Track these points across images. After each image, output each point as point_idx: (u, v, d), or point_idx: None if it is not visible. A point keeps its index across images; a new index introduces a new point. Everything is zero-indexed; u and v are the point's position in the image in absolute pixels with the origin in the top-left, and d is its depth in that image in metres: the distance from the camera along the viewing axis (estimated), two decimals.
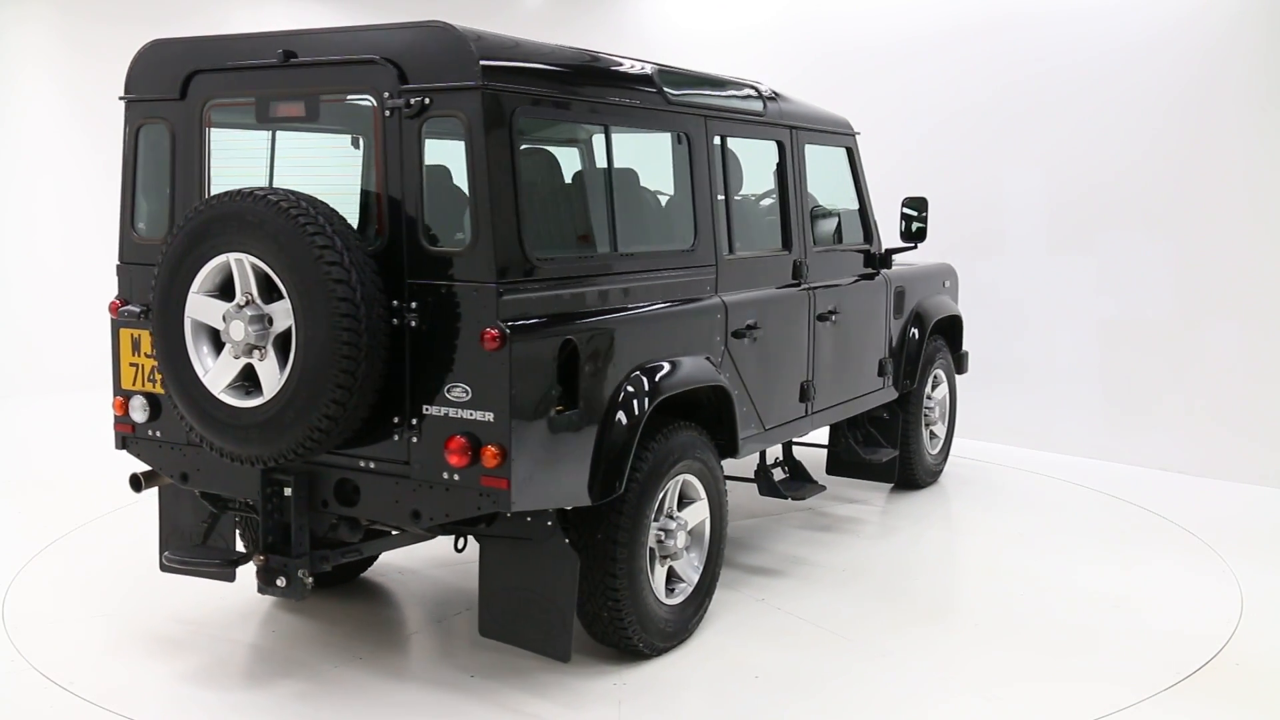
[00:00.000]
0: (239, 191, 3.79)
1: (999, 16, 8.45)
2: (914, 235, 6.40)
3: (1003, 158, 8.49)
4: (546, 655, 4.11)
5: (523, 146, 3.86)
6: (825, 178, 6.12)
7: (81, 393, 9.37)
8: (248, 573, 4.50)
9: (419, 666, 4.52)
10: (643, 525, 4.25)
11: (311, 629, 4.84)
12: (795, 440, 6.26)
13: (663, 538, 4.45)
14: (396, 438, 3.85)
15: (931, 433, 7.09)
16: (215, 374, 3.88)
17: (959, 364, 7.32)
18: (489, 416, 3.68)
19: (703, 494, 4.65)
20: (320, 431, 3.70)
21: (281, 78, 4.00)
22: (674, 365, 4.43)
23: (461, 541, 4.47)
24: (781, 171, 5.47)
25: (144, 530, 5.97)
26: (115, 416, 4.49)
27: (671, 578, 4.59)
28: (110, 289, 4.54)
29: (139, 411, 4.41)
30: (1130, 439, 7.87)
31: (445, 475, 3.76)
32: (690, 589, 4.63)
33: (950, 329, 7.20)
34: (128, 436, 4.50)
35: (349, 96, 4.00)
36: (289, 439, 3.74)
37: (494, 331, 3.62)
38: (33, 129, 10.09)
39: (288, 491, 4.04)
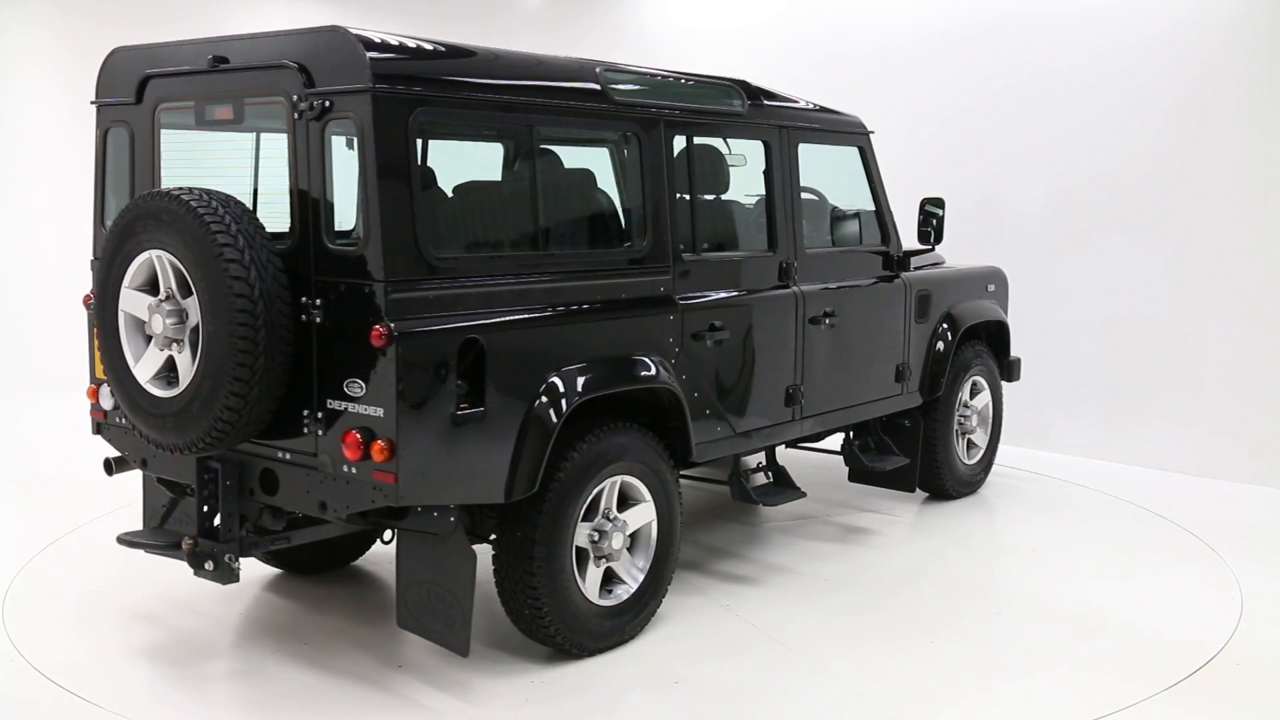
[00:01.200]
0: (159, 191, 3.96)
1: (999, 17, 8.46)
2: (931, 236, 6.28)
3: (1003, 158, 8.49)
4: (449, 649, 4.17)
5: (423, 146, 3.90)
6: (837, 178, 6.04)
7: (81, 392, 9.37)
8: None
9: (352, 655, 4.59)
10: (565, 524, 4.27)
11: (284, 611, 5.00)
12: (807, 446, 6.21)
13: (596, 538, 4.46)
14: (306, 430, 3.96)
15: (970, 441, 6.89)
16: (143, 365, 4.06)
17: (1007, 371, 7.08)
18: (379, 412, 3.76)
19: (647, 496, 4.63)
20: (224, 423, 3.83)
21: (213, 82, 4.20)
22: (604, 367, 4.40)
23: (389, 534, 4.53)
24: (768, 171, 5.40)
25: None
26: (90, 404, 4.69)
27: (611, 579, 4.59)
28: None
29: (107, 399, 4.59)
30: (1130, 439, 7.87)
31: (345, 468, 3.87)
32: (631, 591, 4.62)
33: (994, 335, 6.97)
34: (101, 423, 4.72)
35: (267, 100, 4.08)
36: (197, 429, 3.88)
37: (381, 329, 3.70)
38: (33, 129, 10.10)
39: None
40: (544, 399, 4.14)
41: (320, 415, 3.91)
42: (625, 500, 4.61)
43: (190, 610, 5.00)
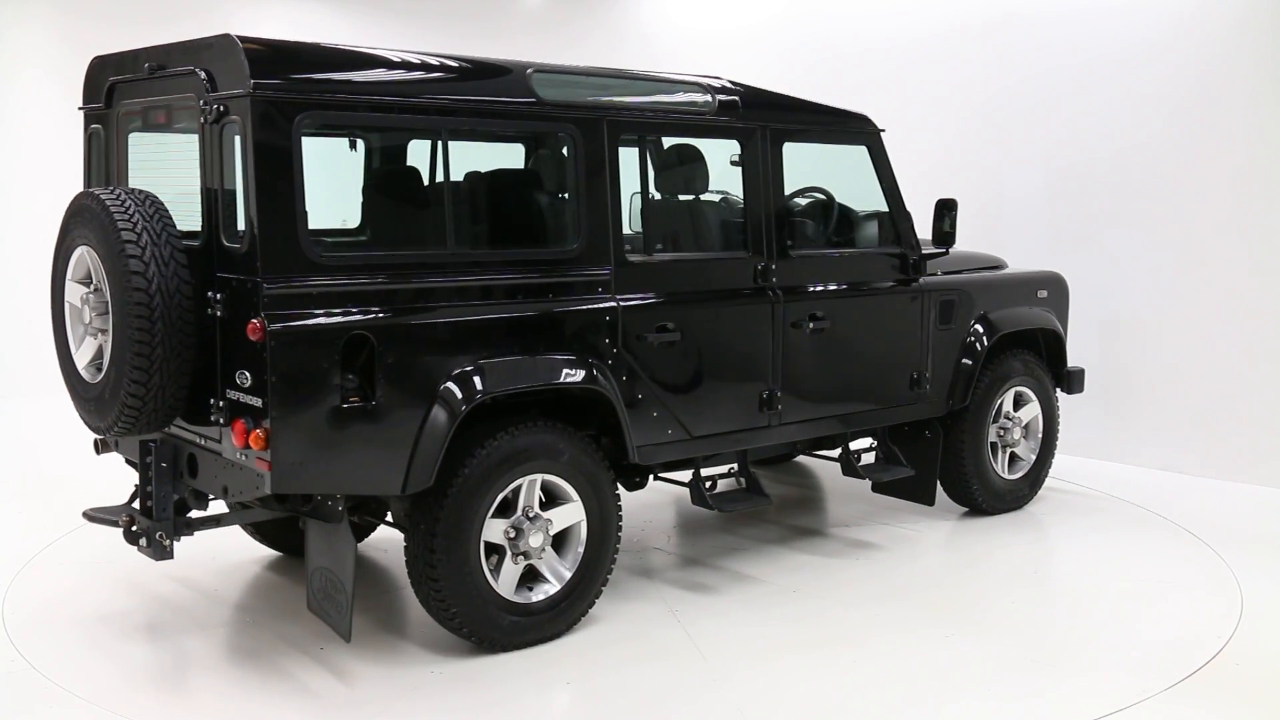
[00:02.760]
0: (88, 190, 4.26)
1: (1001, 17, 8.46)
2: (944, 238, 5.90)
3: (1004, 157, 8.49)
4: (337, 633, 4.35)
5: (309, 148, 4.03)
6: (851, 179, 5.89)
7: None
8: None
9: (276, 637, 4.76)
10: (470, 519, 4.35)
11: (263, 589, 5.25)
12: (817, 453, 6.06)
13: (513, 535, 4.51)
14: (213, 418, 4.17)
15: (1014, 455, 6.55)
16: (81, 352, 4.36)
17: (1065, 383, 6.72)
18: (259, 402, 3.95)
19: (575, 497, 4.64)
20: (129, 408, 4.09)
21: (152, 88, 4.49)
22: (513, 366, 4.42)
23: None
24: (744, 172, 5.26)
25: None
26: None
27: (535, 577, 4.63)
28: None
29: None
30: (1130, 439, 7.87)
31: (237, 455, 4.08)
32: (554, 591, 4.63)
33: (1044, 344, 6.65)
34: None
35: (186, 105, 4.31)
36: (110, 414, 4.16)
37: (256, 323, 3.89)
38: (33, 130, 10.10)
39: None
40: (443, 396, 4.22)
41: (222, 404, 4.11)
42: (554, 499, 4.63)
43: (185, 600, 5.05)
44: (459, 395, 4.25)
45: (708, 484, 5.27)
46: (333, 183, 4.83)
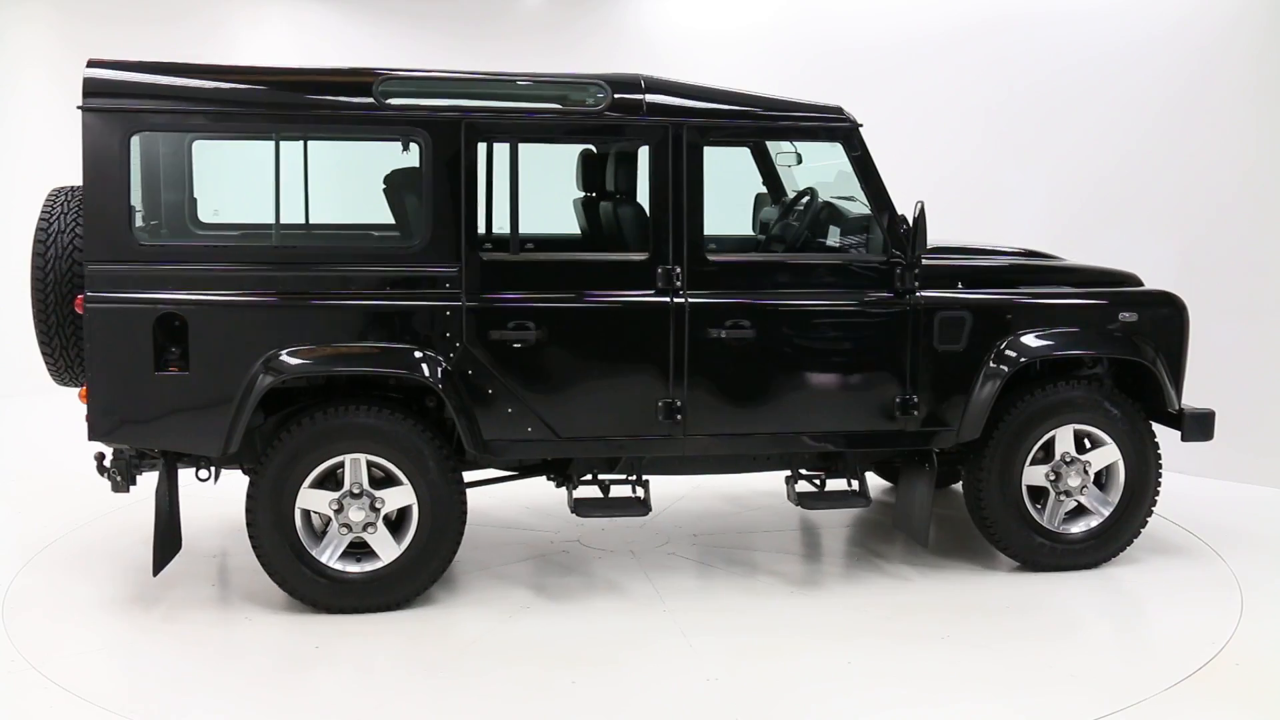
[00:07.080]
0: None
1: (999, 18, 8.46)
2: (914, 243, 5.26)
3: (1002, 159, 8.48)
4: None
5: (140, 155, 4.73)
6: (824, 178, 5.81)
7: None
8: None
9: (200, 590, 5.23)
10: (283, 486, 4.84)
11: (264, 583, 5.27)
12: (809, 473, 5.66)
13: (338, 508, 4.90)
14: None
15: (1080, 505, 5.62)
16: None
17: (1180, 425, 5.80)
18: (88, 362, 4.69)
19: (404, 480, 4.91)
20: (49, 365, 5.01)
21: None
22: (327, 351, 4.80)
23: (205, 473, 5.17)
24: (653, 172, 5.06)
25: (142, 527, 5.97)
26: None
27: (366, 552, 4.97)
28: None
29: None
30: None
31: None
32: (378, 566, 4.96)
33: (1138, 377, 5.77)
34: None
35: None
36: (47, 366, 5.02)
37: (79, 297, 4.67)
38: (33, 131, 10.09)
39: None
40: (253, 374, 4.73)
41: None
42: (391, 480, 4.94)
43: (187, 599, 5.06)
44: (264, 374, 4.73)
45: (599, 488, 5.29)
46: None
